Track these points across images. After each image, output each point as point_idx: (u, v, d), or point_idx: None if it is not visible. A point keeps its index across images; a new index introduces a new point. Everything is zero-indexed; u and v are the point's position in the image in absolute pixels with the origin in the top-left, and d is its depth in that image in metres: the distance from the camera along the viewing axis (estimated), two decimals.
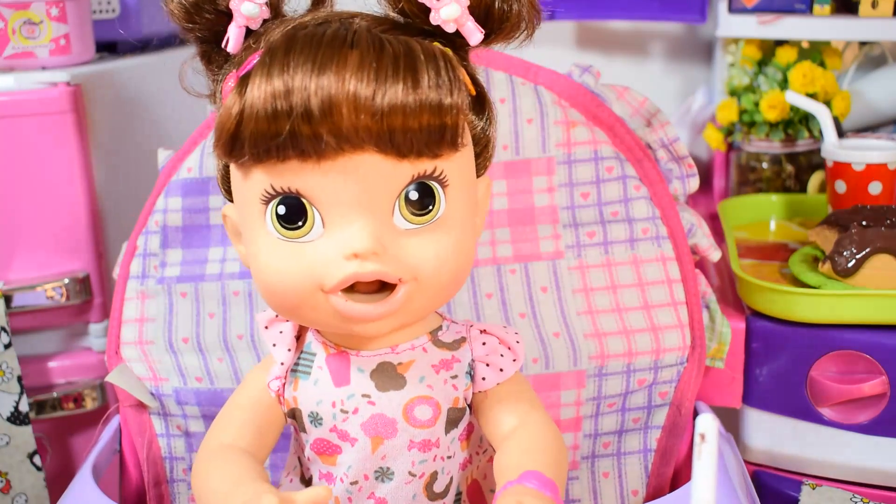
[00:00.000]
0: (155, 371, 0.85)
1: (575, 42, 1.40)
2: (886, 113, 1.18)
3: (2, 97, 0.97)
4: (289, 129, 0.53)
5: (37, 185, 0.99)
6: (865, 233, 0.88)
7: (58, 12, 1.02)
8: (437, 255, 0.58)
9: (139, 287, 0.87)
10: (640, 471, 0.85)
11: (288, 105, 0.52)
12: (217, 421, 0.66)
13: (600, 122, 0.84)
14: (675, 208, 0.84)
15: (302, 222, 0.57)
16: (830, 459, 0.89)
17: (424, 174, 0.57)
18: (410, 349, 0.64)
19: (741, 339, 0.89)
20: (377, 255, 0.56)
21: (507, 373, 0.65)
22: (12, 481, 0.96)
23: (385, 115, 0.53)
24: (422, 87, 0.53)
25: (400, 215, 0.57)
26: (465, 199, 0.60)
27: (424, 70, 0.54)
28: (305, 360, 0.65)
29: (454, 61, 0.56)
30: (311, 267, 0.57)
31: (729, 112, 1.17)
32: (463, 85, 0.55)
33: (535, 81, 0.85)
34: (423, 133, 0.54)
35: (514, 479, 0.57)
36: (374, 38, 0.54)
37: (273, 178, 0.56)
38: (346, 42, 0.54)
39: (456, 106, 0.54)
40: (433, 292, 0.59)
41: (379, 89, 0.52)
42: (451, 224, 0.59)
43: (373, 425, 0.63)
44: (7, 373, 0.96)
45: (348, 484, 0.64)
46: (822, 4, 1.11)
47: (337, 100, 0.52)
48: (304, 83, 0.52)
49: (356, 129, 0.53)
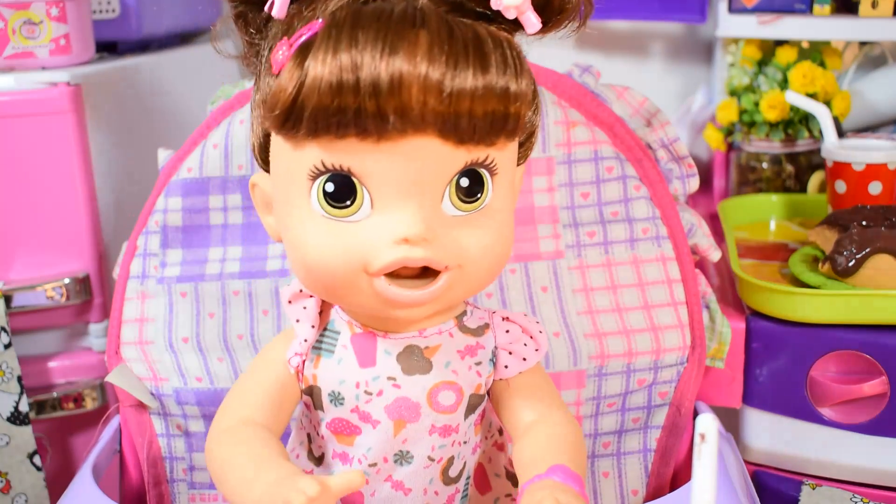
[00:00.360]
0: (155, 371, 0.85)
1: (575, 42, 1.40)
2: (886, 113, 1.18)
3: (2, 97, 0.97)
4: (355, 106, 0.52)
5: (37, 185, 0.99)
6: (865, 233, 0.88)
7: (58, 12, 1.02)
8: (482, 244, 0.58)
9: (139, 287, 0.87)
10: (640, 471, 0.85)
11: (355, 80, 0.51)
12: (233, 394, 0.65)
13: (600, 122, 0.84)
14: (675, 208, 0.84)
15: (350, 201, 0.56)
16: (830, 459, 0.89)
17: (477, 161, 0.57)
18: (437, 333, 0.63)
19: (741, 339, 0.89)
20: (427, 242, 0.55)
21: (530, 362, 0.65)
22: (12, 481, 0.96)
23: (454, 99, 0.52)
24: (490, 73, 0.53)
25: (449, 201, 0.57)
26: (508, 188, 0.60)
27: (492, 56, 0.53)
28: (329, 337, 0.64)
29: (520, 49, 0.55)
30: (357, 248, 0.56)
31: (729, 112, 1.17)
32: (528, 73, 0.55)
33: None
34: (486, 119, 0.54)
35: (543, 473, 0.58)
36: (442, 20, 0.53)
37: (326, 154, 0.55)
38: (416, 21, 0.53)
39: (522, 93, 0.54)
40: (475, 280, 0.59)
41: (449, 72, 0.52)
42: (496, 213, 0.59)
43: (397, 408, 0.62)
44: (7, 373, 0.96)
45: (366, 466, 0.63)
46: (822, 4, 1.11)
47: (407, 80, 0.51)
48: (374, 60, 0.51)
49: (422, 110, 0.52)
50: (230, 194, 0.87)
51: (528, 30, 0.58)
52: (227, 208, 0.87)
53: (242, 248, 0.87)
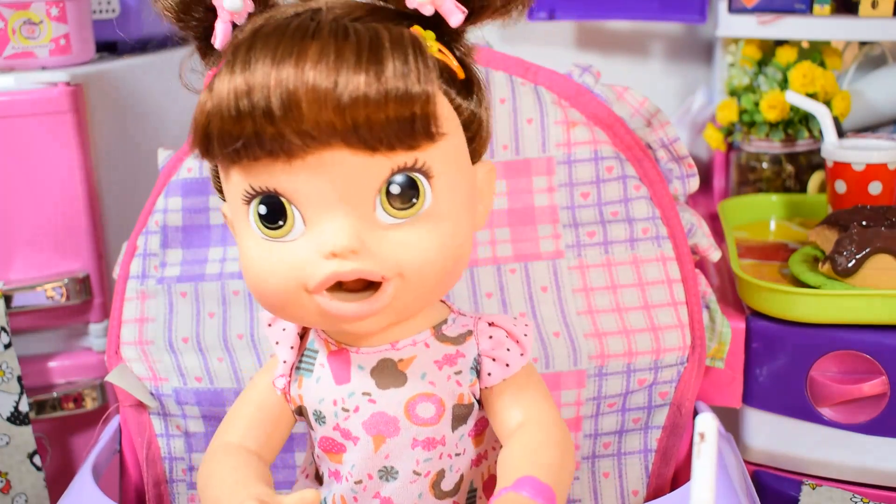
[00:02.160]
0: (155, 371, 0.85)
1: (575, 42, 1.40)
2: (886, 113, 1.18)
3: (2, 97, 0.97)
4: (253, 130, 0.51)
5: (37, 185, 0.99)
6: (865, 233, 0.88)
7: (58, 12, 1.02)
8: (422, 250, 0.56)
9: (139, 287, 0.87)
10: (640, 471, 0.85)
11: (249, 104, 0.51)
12: (224, 421, 0.66)
13: (600, 122, 0.84)
14: (675, 208, 0.84)
15: (283, 221, 0.55)
16: (830, 459, 0.89)
17: (405, 167, 0.55)
18: (412, 345, 0.62)
19: (741, 339, 0.89)
20: (356, 253, 0.54)
21: (514, 368, 0.63)
22: (12, 481, 0.96)
23: (347, 108, 0.51)
24: (385, 76, 0.51)
25: (382, 210, 0.55)
26: (456, 189, 0.58)
27: (390, 58, 0.51)
28: (308, 357, 0.65)
29: (424, 46, 0.53)
30: (294, 267, 0.55)
31: (729, 112, 1.17)
32: (433, 72, 0.53)
33: (535, 81, 0.85)
34: (390, 125, 0.52)
35: (509, 486, 0.56)
36: (337, 27, 0.52)
37: (250, 178, 0.55)
38: (307, 33, 0.52)
39: (425, 94, 0.52)
40: (422, 288, 0.57)
41: (339, 80, 0.50)
42: (441, 216, 0.56)
43: (374, 424, 0.62)
44: (7, 373, 0.96)
45: (353, 483, 0.63)
46: (822, 4, 1.11)
47: (296, 95, 0.50)
48: (264, 79, 0.51)
49: (319, 124, 0.51)
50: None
51: (452, 22, 0.56)
52: None
53: None
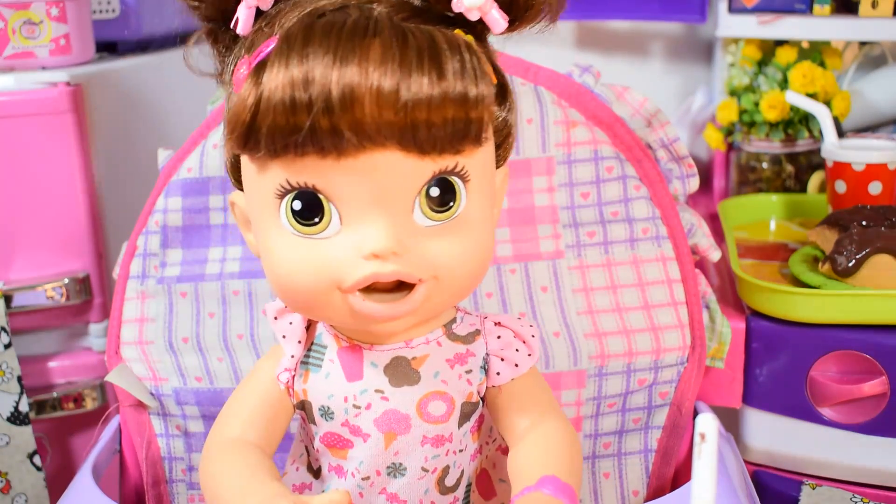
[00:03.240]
0: (155, 371, 0.85)
1: (575, 42, 1.40)
2: (886, 113, 1.18)
3: (2, 97, 0.97)
4: (308, 124, 0.51)
5: (37, 185, 0.99)
6: (865, 233, 0.88)
7: (58, 12, 1.02)
8: (457, 254, 0.56)
9: (139, 287, 0.87)
10: (640, 471, 0.85)
11: (307, 97, 0.50)
12: (223, 414, 0.65)
13: (600, 122, 0.84)
14: (675, 208, 0.84)
15: (319, 218, 0.55)
16: (830, 459, 0.89)
17: (446, 170, 0.55)
18: (425, 343, 0.62)
19: (741, 339, 0.89)
20: (397, 255, 0.54)
21: (522, 368, 0.64)
22: (12, 481, 0.96)
23: (409, 109, 0.51)
24: (447, 79, 0.51)
25: (420, 212, 0.55)
26: (485, 193, 0.58)
27: (449, 62, 0.52)
28: (316, 352, 0.64)
29: (478, 52, 0.53)
30: (328, 265, 0.55)
31: (729, 112, 1.17)
32: (488, 76, 0.54)
33: (535, 81, 0.85)
34: (447, 128, 0.52)
35: (532, 486, 0.57)
36: (396, 27, 0.52)
37: (290, 173, 0.54)
38: (368, 31, 0.51)
39: (482, 98, 0.52)
40: (453, 290, 0.58)
41: (403, 82, 0.50)
42: (472, 220, 0.57)
43: (386, 421, 0.62)
44: (7, 373, 0.96)
45: (360, 479, 0.63)
46: (822, 4, 1.11)
47: (359, 92, 0.50)
48: (325, 74, 0.50)
49: (378, 124, 0.51)
50: (230, 194, 0.87)
51: (495, 29, 0.57)
52: (227, 208, 0.87)
53: (242, 248, 0.87)
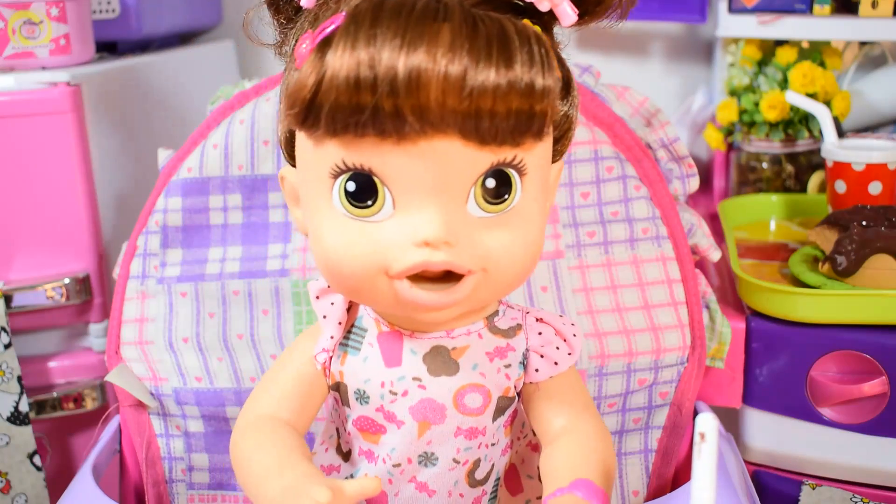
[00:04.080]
0: (155, 371, 0.85)
1: (575, 42, 1.40)
2: (886, 113, 1.18)
3: (2, 97, 0.97)
4: (372, 104, 0.50)
5: (37, 185, 0.99)
6: (865, 233, 0.88)
7: (58, 12, 1.02)
8: (508, 248, 0.55)
9: (139, 287, 0.87)
10: (640, 471, 0.85)
11: (372, 77, 0.49)
12: (257, 389, 0.65)
13: (600, 122, 0.84)
14: (675, 208, 0.84)
15: (372, 201, 0.54)
16: (830, 459, 0.89)
17: (504, 162, 0.54)
18: (466, 334, 0.62)
19: (741, 339, 0.89)
20: (448, 245, 0.53)
21: (562, 367, 0.63)
22: (12, 481, 0.96)
23: (475, 97, 0.50)
24: (514, 69, 0.50)
25: (474, 202, 0.55)
26: (539, 188, 0.57)
27: (518, 52, 0.50)
28: (356, 335, 0.63)
29: (548, 44, 0.53)
30: (378, 249, 0.54)
31: (729, 112, 1.17)
32: (555, 69, 0.52)
33: None
34: (510, 119, 0.51)
35: (566, 487, 0.56)
36: (466, 13, 0.51)
37: (347, 153, 0.53)
38: (438, 16, 0.50)
39: (548, 90, 0.51)
40: (502, 283, 0.57)
41: (470, 69, 0.49)
42: (525, 214, 0.56)
43: (421, 409, 0.61)
44: (7, 373, 0.96)
45: (391, 466, 0.63)
46: (822, 4, 1.11)
47: (426, 77, 0.49)
48: (393, 56, 0.49)
49: (441, 110, 0.50)
50: (230, 194, 0.87)
51: (564, 22, 0.56)
52: (227, 208, 0.87)
53: (242, 248, 0.87)
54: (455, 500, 0.64)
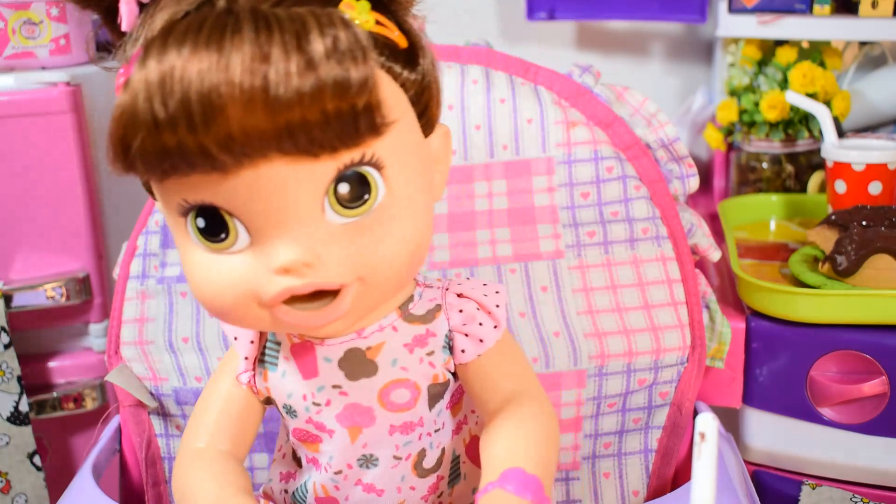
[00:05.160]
0: (155, 371, 0.85)
1: (575, 42, 1.40)
2: (886, 113, 1.18)
3: (2, 97, 0.98)
4: (176, 144, 0.45)
5: (37, 185, 0.99)
6: (865, 233, 0.88)
7: (58, 12, 1.02)
8: (381, 251, 0.51)
9: (139, 287, 0.87)
10: (640, 471, 0.85)
11: (167, 112, 0.44)
12: (190, 425, 0.63)
13: (600, 122, 0.84)
14: (675, 208, 0.84)
15: (225, 234, 0.50)
16: (830, 459, 0.89)
17: (351, 163, 0.49)
18: (379, 331, 0.58)
19: (741, 339, 0.89)
20: (310, 266, 0.50)
21: (488, 343, 0.60)
22: (12, 481, 0.96)
23: (279, 107, 0.44)
24: (319, 69, 0.44)
25: (332, 212, 0.50)
26: (411, 174, 0.53)
27: (320, 45, 0.45)
28: (271, 349, 0.62)
29: (355, 26, 0.46)
30: (244, 281, 0.51)
31: (729, 112, 1.17)
32: (370, 55, 0.46)
33: (534, 81, 0.85)
34: (330, 124, 0.46)
35: (495, 480, 0.54)
36: (260, 18, 0.45)
37: (184, 191, 0.49)
38: (227, 28, 0.45)
39: (365, 81, 0.45)
40: (384, 286, 0.53)
41: (268, 76, 0.44)
42: (397, 208, 0.52)
43: (348, 416, 0.60)
44: (7, 373, 0.96)
45: (332, 473, 0.62)
46: (822, 4, 1.11)
47: (221, 100, 0.44)
48: (184, 84, 0.44)
49: (248, 133, 0.45)
50: None
51: None
52: None
53: None
54: (407, 493, 0.63)
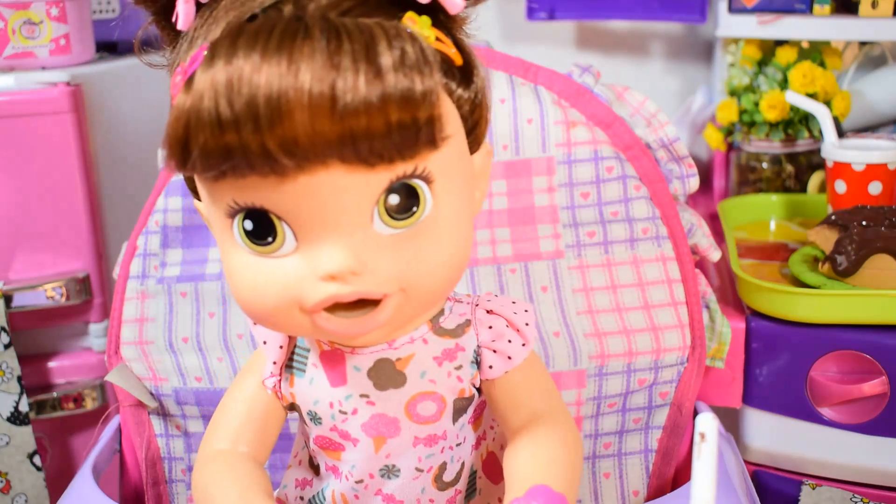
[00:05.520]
0: (155, 371, 0.85)
1: (575, 42, 1.40)
2: (886, 113, 1.18)
3: (2, 97, 0.98)
4: (239, 145, 0.46)
5: (37, 185, 0.99)
6: (865, 233, 0.88)
7: (58, 12, 1.02)
8: (424, 263, 0.52)
9: (139, 287, 0.87)
10: (640, 471, 0.85)
11: (233, 113, 0.45)
12: (212, 425, 0.64)
13: (600, 122, 0.84)
14: (675, 208, 0.84)
15: (272, 238, 0.51)
16: (830, 459, 0.89)
17: (404, 175, 0.50)
18: (409, 342, 0.59)
19: (741, 339, 0.89)
20: (356, 275, 0.50)
21: (516, 360, 0.60)
22: (12, 481, 0.96)
23: (345, 115, 0.45)
24: (386, 79, 0.45)
25: (381, 221, 0.51)
26: (457, 189, 0.54)
27: (388, 57, 0.46)
28: (299, 355, 0.62)
29: (422, 41, 0.48)
30: (288, 285, 0.51)
31: (729, 112, 1.17)
32: (436, 69, 0.47)
33: (534, 81, 0.85)
34: (392, 134, 0.47)
35: (521, 498, 0.54)
36: (329, 26, 0.46)
37: (236, 193, 0.50)
38: (298, 35, 0.46)
39: (429, 94, 0.46)
40: (424, 300, 0.54)
41: (338, 87, 0.45)
42: (442, 221, 0.53)
43: (374, 426, 0.60)
44: (7, 373, 0.96)
45: (353, 482, 0.62)
46: (822, 4, 1.11)
47: (289, 104, 0.45)
48: (252, 86, 0.45)
49: (313, 138, 0.46)
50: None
51: (452, 10, 0.52)
52: None
53: None
54: None
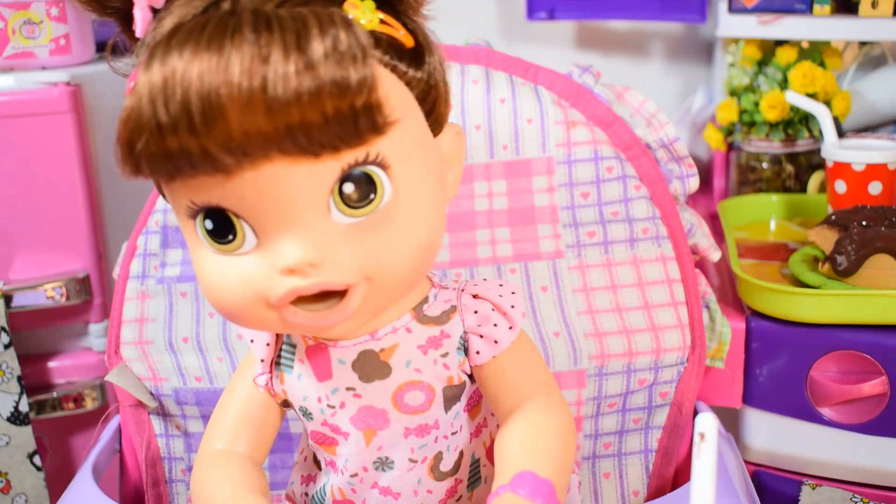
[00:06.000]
0: (155, 371, 0.85)
1: (575, 42, 1.40)
2: (886, 113, 1.18)
3: (2, 97, 0.98)
4: (178, 148, 0.45)
5: (37, 185, 0.99)
6: (865, 233, 0.88)
7: (58, 12, 1.02)
8: (387, 251, 0.51)
9: (139, 287, 0.87)
10: (640, 471, 0.85)
11: (169, 115, 0.45)
12: (210, 425, 0.64)
13: (600, 122, 0.84)
14: (675, 208, 0.84)
15: (233, 236, 0.51)
16: (830, 459, 0.89)
17: (356, 163, 0.49)
18: (392, 332, 0.58)
19: (741, 339, 0.89)
20: (316, 267, 0.50)
21: (503, 344, 0.60)
22: (12, 481, 0.96)
23: (278, 109, 0.44)
24: (318, 69, 0.44)
25: (338, 211, 0.50)
26: (419, 173, 0.53)
27: (319, 44, 0.45)
28: (287, 352, 0.62)
29: (356, 26, 0.46)
30: (251, 282, 0.51)
31: (729, 112, 1.17)
32: (371, 54, 0.46)
33: (534, 81, 0.85)
34: (330, 125, 0.46)
35: (507, 484, 0.54)
36: (261, 18, 0.46)
37: (191, 193, 0.50)
38: (228, 29, 0.45)
39: (364, 81, 0.45)
40: (393, 286, 0.53)
41: (267, 77, 0.44)
42: (404, 207, 0.52)
43: (362, 418, 0.60)
44: (7, 373, 0.96)
45: (349, 476, 0.62)
46: (822, 4, 1.11)
47: (221, 102, 0.44)
48: (185, 87, 0.44)
49: (248, 135, 0.45)
50: None
51: None
52: None
53: None
54: (424, 496, 0.63)
